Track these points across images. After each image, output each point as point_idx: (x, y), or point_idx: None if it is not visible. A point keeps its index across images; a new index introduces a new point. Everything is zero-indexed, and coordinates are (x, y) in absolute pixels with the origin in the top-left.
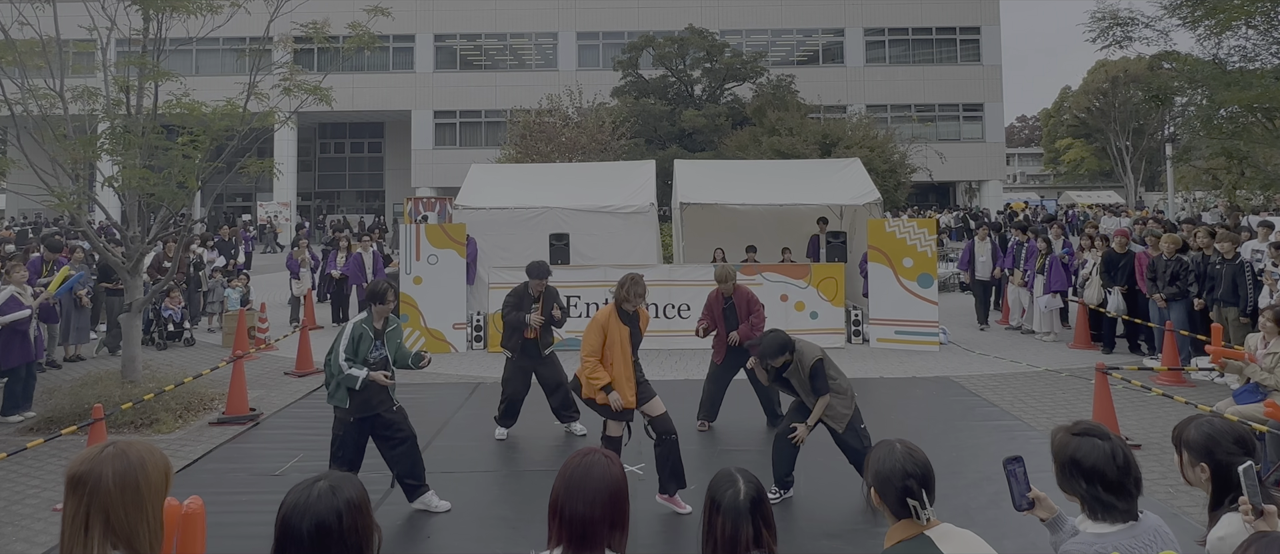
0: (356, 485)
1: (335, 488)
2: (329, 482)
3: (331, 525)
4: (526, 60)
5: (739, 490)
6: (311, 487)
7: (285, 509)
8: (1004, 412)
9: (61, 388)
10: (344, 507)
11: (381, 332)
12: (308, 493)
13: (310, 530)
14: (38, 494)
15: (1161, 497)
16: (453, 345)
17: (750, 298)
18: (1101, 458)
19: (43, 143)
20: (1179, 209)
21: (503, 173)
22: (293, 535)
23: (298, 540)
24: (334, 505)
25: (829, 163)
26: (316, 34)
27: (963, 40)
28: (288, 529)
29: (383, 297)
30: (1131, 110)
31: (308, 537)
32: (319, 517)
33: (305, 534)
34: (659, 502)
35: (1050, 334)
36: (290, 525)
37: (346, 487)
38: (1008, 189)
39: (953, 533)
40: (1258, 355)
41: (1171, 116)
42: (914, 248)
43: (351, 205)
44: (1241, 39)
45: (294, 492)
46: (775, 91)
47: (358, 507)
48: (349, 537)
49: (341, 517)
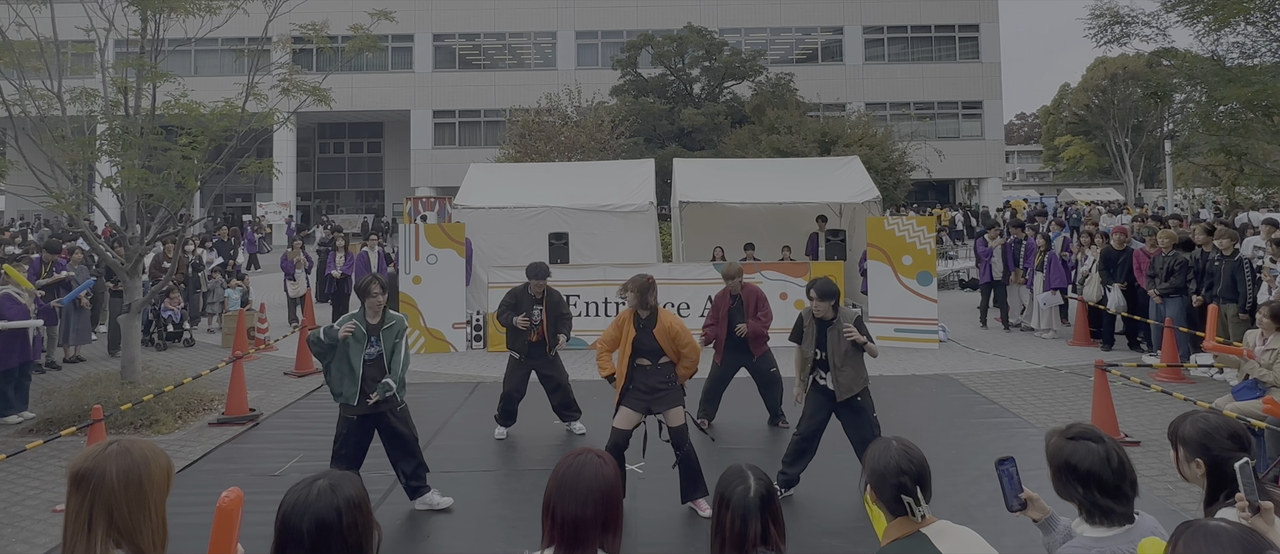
0: (356, 484)
1: (335, 486)
2: (328, 480)
3: (331, 523)
4: (525, 60)
5: (749, 487)
6: (311, 485)
7: (285, 508)
8: (1003, 409)
9: (61, 389)
10: (344, 505)
11: (377, 328)
12: (307, 491)
13: (310, 528)
14: (37, 495)
15: (1161, 493)
16: (452, 345)
17: (758, 294)
18: (1097, 462)
19: (41, 144)
20: (1176, 206)
21: (502, 172)
22: (293, 534)
23: (298, 539)
24: (334, 503)
25: (828, 161)
26: (316, 35)
27: (961, 38)
28: (288, 528)
29: (366, 289)
30: (1131, 107)
31: (308, 535)
32: (319, 515)
33: (305, 532)
34: (684, 506)
35: (1050, 331)
36: (290, 524)
37: (346, 485)
38: (1007, 187)
39: (950, 530)
40: (1256, 351)
41: (1170, 113)
42: (913, 245)
43: (351, 205)
44: (1240, 35)
45: (293, 490)
46: (774, 90)
47: (357, 505)
48: (349, 534)
49: (341, 514)
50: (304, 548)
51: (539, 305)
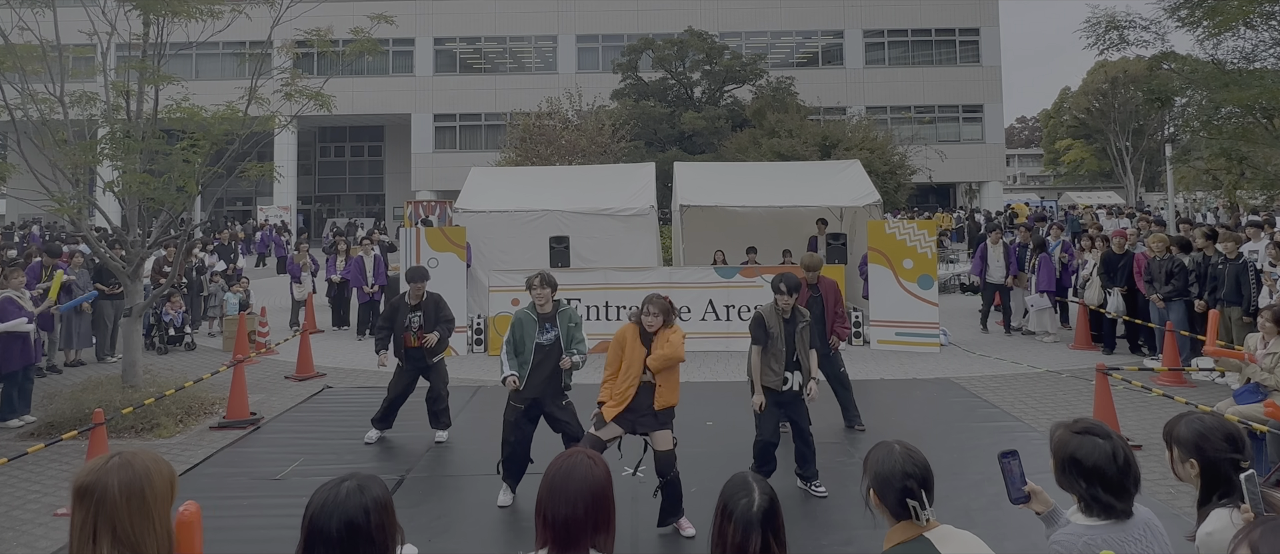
0: (382, 486)
1: (362, 487)
2: (356, 481)
3: (361, 523)
4: (526, 63)
5: (753, 500)
6: (339, 486)
7: (313, 509)
8: (1005, 413)
9: (62, 393)
10: (371, 505)
11: (551, 315)
12: (335, 492)
13: (340, 528)
14: (39, 499)
15: (1163, 497)
16: (453, 349)
17: (835, 287)
18: (1102, 458)
19: (43, 148)
20: (1178, 210)
21: (503, 176)
22: (322, 534)
23: (326, 539)
24: (362, 504)
25: (829, 165)
26: (319, 41)
27: (962, 41)
28: (316, 528)
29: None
30: (1131, 111)
31: (337, 534)
32: (348, 515)
33: (335, 532)
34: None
35: (1050, 335)
36: (318, 525)
37: (373, 486)
38: (1008, 190)
39: (953, 535)
40: (1257, 355)
41: (1171, 117)
42: (914, 249)
43: (352, 209)
44: (1240, 39)
45: (321, 491)
46: (775, 93)
47: (384, 506)
48: (377, 534)
49: (370, 514)
50: (334, 547)
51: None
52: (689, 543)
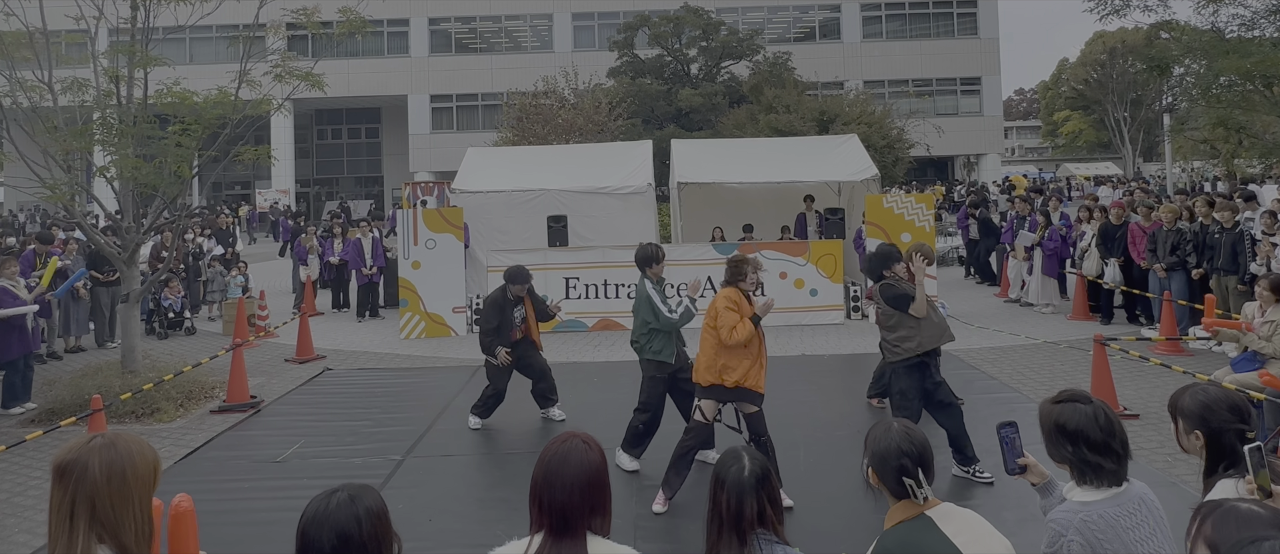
0: (375, 495)
1: (354, 497)
2: (348, 491)
3: (352, 534)
4: (522, 42)
5: (744, 467)
6: (330, 497)
7: (304, 521)
8: (1003, 384)
9: (62, 379)
10: (364, 515)
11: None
12: (326, 503)
13: (331, 540)
14: (40, 486)
15: (1160, 466)
16: (452, 329)
17: None
18: (1084, 420)
19: (34, 135)
20: (1177, 179)
21: (500, 156)
22: (313, 546)
23: (319, 551)
24: (354, 513)
25: (827, 139)
26: (308, 21)
27: (959, 14)
28: (308, 540)
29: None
30: (1129, 81)
31: (329, 547)
32: (340, 526)
33: (326, 544)
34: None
35: (1049, 306)
36: (310, 536)
37: (366, 496)
38: (1006, 162)
39: (954, 512)
40: (1254, 324)
41: (1169, 86)
42: (912, 223)
43: (351, 191)
44: (1240, 6)
45: (313, 503)
46: (772, 69)
47: (377, 515)
48: (370, 544)
49: (362, 524)
50: None
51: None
52: (687, 522)
